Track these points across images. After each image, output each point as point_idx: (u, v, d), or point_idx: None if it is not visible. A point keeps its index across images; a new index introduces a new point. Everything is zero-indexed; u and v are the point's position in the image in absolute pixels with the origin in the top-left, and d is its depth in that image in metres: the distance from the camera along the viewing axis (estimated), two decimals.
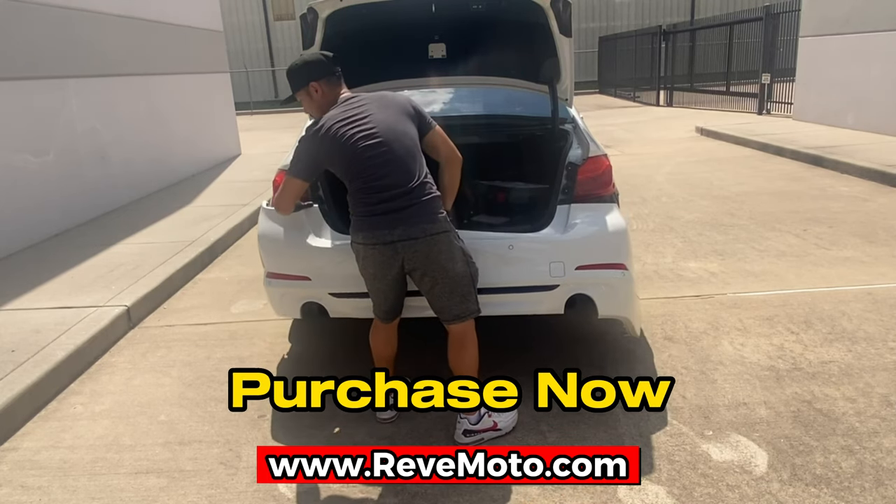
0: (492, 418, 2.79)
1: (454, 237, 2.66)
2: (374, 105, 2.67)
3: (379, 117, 2.62)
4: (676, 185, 7.65)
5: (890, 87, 9.49)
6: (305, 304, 3.17)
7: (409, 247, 2.57)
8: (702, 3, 27.67)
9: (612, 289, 3.04)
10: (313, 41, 3.31)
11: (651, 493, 2.39)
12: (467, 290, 2.69)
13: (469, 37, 3.67)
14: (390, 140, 2.59)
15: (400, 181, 2.58)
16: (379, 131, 2.60)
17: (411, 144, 2.63)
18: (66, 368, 3.52)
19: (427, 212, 2.58)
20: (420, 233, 2.56)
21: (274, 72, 28.75)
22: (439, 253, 2.59)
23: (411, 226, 2.55)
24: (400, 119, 2.65)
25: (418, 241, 2.56)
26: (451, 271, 2.63)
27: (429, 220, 2.57)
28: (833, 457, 2.53)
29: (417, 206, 2.57)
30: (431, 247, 2.58)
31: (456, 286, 2.66)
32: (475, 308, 2.73)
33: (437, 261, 2.60)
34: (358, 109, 2.66)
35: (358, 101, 2.70)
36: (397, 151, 2.59)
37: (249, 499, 2.49)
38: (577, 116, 3.69)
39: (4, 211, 5.67)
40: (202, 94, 10.48)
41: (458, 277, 2.65)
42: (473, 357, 2.78)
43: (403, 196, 2.56)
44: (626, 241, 3.08)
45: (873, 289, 4.16)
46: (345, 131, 2.60)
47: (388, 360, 3.02)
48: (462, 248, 2.68)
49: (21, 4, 6.09)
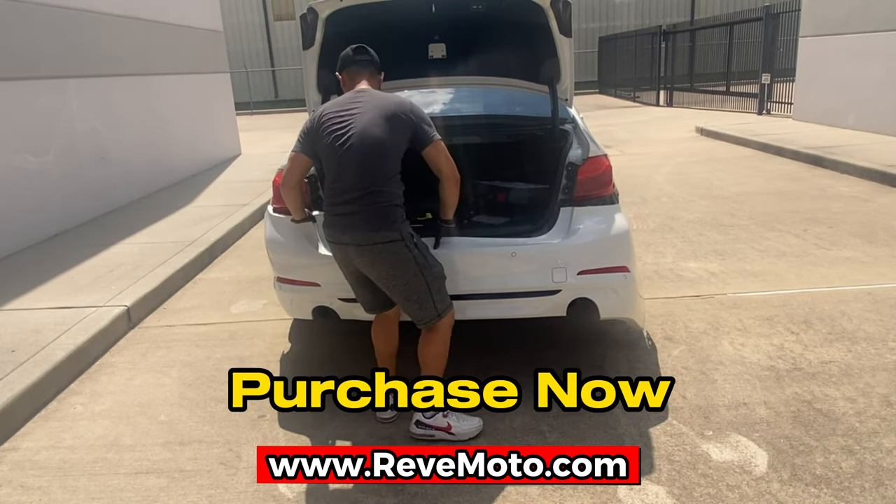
0: (447, 419, 2.78)
1: (405, 246, 2.60)
2: (368, 105, 2.65)
3: (362, 119, 2.60)
4: (676, 185, 7.65)
5: (890, 88, 9.49)
6: (316, 308, 3.21)
7: (355, 252, 2.64)
8: (702, 3, 27.68)
9: (614, 292, 3.05)
10: (313, 41, 3.31)
11: (651, 493, 2.39)
12: (422, 298, 2.67)
13: (469, 37, 3.67)
14: (355, 144, 2.58)
15: (350, 186, 2.60)
16: (351, 133, 2.59)
17: (376, 152, 2.58)
18: (66, 368, 3.52)
19: (373, 220, 2.57)
20: (364, 240, 2.59)
21: (274, 72, 28.76)
22: (384, 262, 2.61)
23: (357, 232, 2.60)
24: (379, 124, 2.59)
25: (362, 248, 2.61)
26: (399, 280, 2.63)
27: (374, 228, 2.57)
28: (833, 457, 2.53)
29: (365, 214, 2.58)
30: (375, 255, 2.61)
31: (409, 294, 2.67)
32: (433, 315, 2.70)
33: (383, 269, 2.63)
34: (351, 106, 2.66)
35: (358, 98, 2.69)
36: (355, 156, 2.58)
37: (249, 499, 2.49)
38: (577, 116, 3.69)
39: (4, 211, 5.67)
40: (202, 94, 10.48)
41: (409, 286, 2.64)
42: (435, 356, 2.76)
43: (353, 202, 2.59)
44: (628, 244, 3.08)
45: (873, 289, 4.16)
46: (328, 125, 2.64)
47: (388, 357, 3.04)
48: (416, 258, 2.62)
49: (21, 4, 6.09)
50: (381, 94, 2.73)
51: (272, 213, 3.28)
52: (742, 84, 15.34)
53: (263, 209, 6.71)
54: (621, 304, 3.10)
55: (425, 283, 2.65)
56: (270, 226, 3.27)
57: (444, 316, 2.73)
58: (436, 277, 2.70)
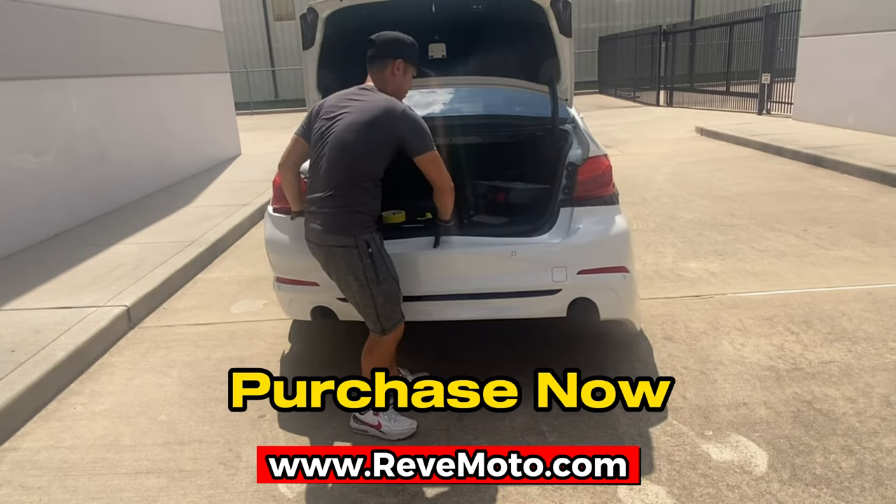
0: (378, 417, 2.82)
1: (359, 255, 2.58)
2: (357, 106, 2.62)
3: (345, 119, 2.59)
4: (676, 185, 7.65)
5: (890, 88, 9.49)
6: (315, 308, 3.21)
7: (314, 250, 2.71)
8: (702, 3, 27.68)
9: (614, 292, 3.06)
10: (313, 41, 3.31)
11: (651, 493, 2.39)
12: (367, 310, 2.68)
13: (469, 37, 3.67)
14: (330, 145, 2.59)
15: (317, 187, 2.63)
16: (332, 133, 2.59)
17: (348, 155, 2.56)
18: (66, 368, 3.52)
19: (331, 223, 2.59)
20: (319, 240, 2.64)
21: (274, 72, 28.76)
22: (336, 265, 2.65)
23: (316, 231, 2.64)
24: (358, 129, 2.55)
25: (319, 248, 2.66)
26: (349, 286, 2.67)
27: (330, 230, 2.59)
28: (833, 457, 2.53)
29: (325, 215, 2.60)
30: (329, 257, 2.65)
31: (357, 302, 2.70)
32: (378, 328, 2.71)
33: (336, 272, 2.68)
34: (344, 104, 2.66)
35: (354, 96, 2.68)
36: (327, 157, 2.59)
37: (249, 499, 2.49)
38: (577, 116, 3.69)
39: (4, 211, 5.67)
40: (202, 94, 10.48)
41: (356, 295, 2.67)
42: (370, 365, 2.77)
43: (317, 201, 2.63)
44: (628, 245, 3.09)
45: (873, 289, 4.16)
46: (319, 118, 2.68)
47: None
48: (365, 268, 2.59)
49: (21, 4, 6.09)
50: (374, 98, 2.64)
51: (272, 212, 3.28)
52: (742, 84, 15.34)
53: (263, 209, 6.71)
54: (621, 305, 3.11)
55: (371, 297, 2.64)
56: (270, 225, 3.27)
57: (388, 333, 2.72)
58: (384, 293, 2.65)
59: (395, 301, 2.71)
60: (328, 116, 2.65)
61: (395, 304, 2.71)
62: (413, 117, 2.61)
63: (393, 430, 2.82)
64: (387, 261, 2.68)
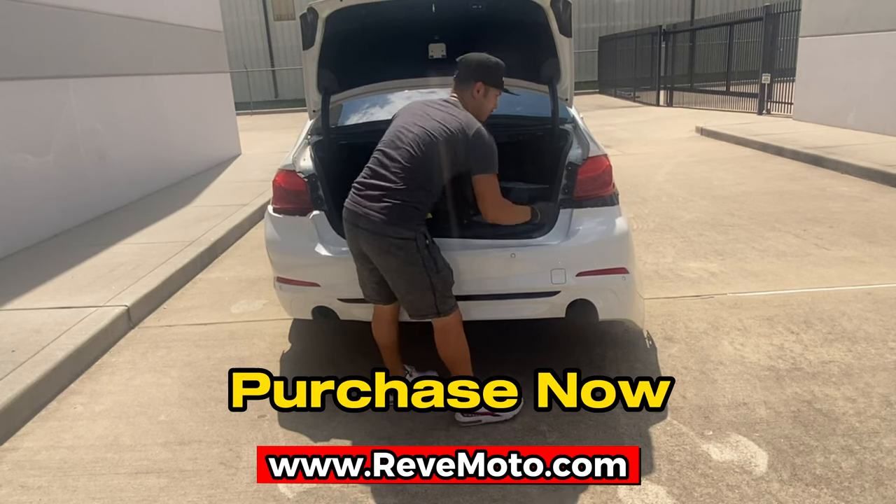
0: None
1: (416, 248, 2.68)
2: (440, 115, 2.76)
3: (426, 127, 2.73)
4: (676, 185, 7.65)
5: (890, 87, 9.49)
6: (316, 308, 3.22)
7: (364, 237, 2.76)
8: (702, 3, 27.68)
9: (613, 293, 3.06)
10: (313, 41, 3.31)
11: (651, 493, 2.39)
12: (425, 296, 2.77)
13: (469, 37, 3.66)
14: (407, 144, 2.72)
15: (384, 177, 2.73)
16: (410, 134, 2.73)
17: (420, 159, 2.69)
18: (66, 368, 3.52)
19: (394, 216, 2.65)
20: (377, 230, 2.69)
21: (274, 72, 28.76)
22: (393, 257, 2.70)
23: (374, 221, 2.69)
24: (433, 138, 2.69)
25: (374, 237, 2.72)
26: (400, 276, 2.76)
27: (392, 222, 2.66)
28: (833, 457, 2.53)
29: (388, 207, 2.66)
30: (383, 247, 2.70)
31: (408, 290, 2.79)
32: (434, 312, 2.77)
33: (387, 262, 2.73)
34: (430, 111, 2.81)
35: (439, 107, 2.82)
36: (401, 155, 2.71)
37: (249, 499, 2.49)
38: (578, 116, 3.69)
39: (4, 211, 5.67)
40: (202, 94, 10.48)
41: (410, 284, 2.76)
42: (452, 354, 2.87)
43: (381, 188, 2.72)
44: (628, 246, 3.09)
45: (873, 289, 4.16)
46: (401, 117, 2.88)
47: (390, 349, 3.09)
48: (424, 259, 2.68)
49: (21, 4, 6.09)
50: (455, 113, 2.77)
51: (272, 213, 3.28)
52: (742, 84, 15.33)
53: (263, 209, 6.71)
54: (620, 306, 3.11)
55: (430, 286, 2.70)
56: (271, 226, 3.27)
57: (446, 314, 2.76)
58: (443, 280, 2.73)
59: (450, 287, 2.78)
60: (409, 120, 2.79)
61: (450, 289, 2.78)
62: (484, 139, 2.71)
63: (508, 411, 2.86)
64: (439, 251, 2.76)
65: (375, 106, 4.07)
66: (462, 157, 2.71)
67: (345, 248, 3.08)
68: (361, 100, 4.00)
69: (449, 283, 2.76)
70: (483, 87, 2.85)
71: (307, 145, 3.49)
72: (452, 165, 2.73)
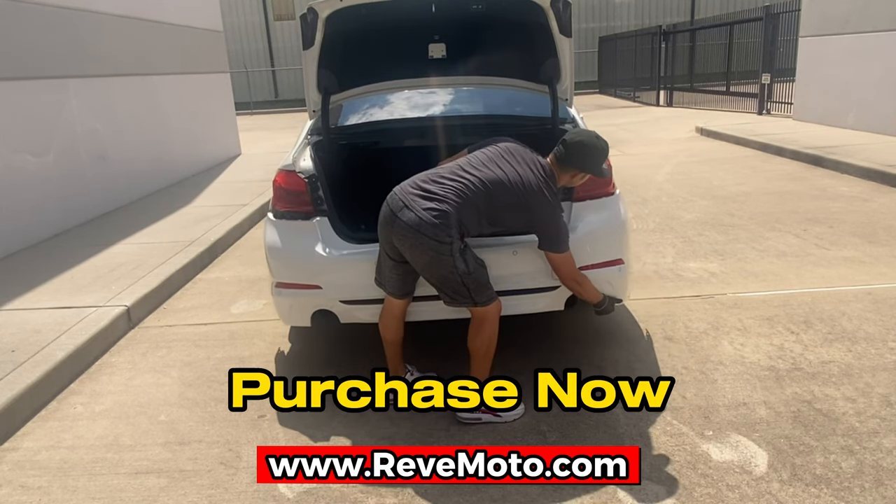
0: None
1: (451, 252, 2.70)
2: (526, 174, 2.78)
3: (509, 174, 2.75)
4: (676, 185, 7.65)
5: (890, 88, 9.49)
6: (316, 312, 3.19)
7: (401, 226, 2.74)
8: (702, 3, 27.67)
9: (610, 283, 3.11)
10: (313, 41, 3.31)
11: (651, 493, 2.38)
12: (459, 290, 2.78)
13: (469, 37, 3.67)
14: (485, 174, 2.75)
15: (449, 179, 2.77)
16: (495, 172, 2.76)
17: (485, 197, 2.71)
18: (66, 368, 3.52)
19: (439, 218, 2.67)
20: (416, 225, 2.68)
21: (274, 72, 28.76)
22: (424, 254, 2.69)
23: (417, 216, 2.69)
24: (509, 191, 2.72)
25: (409, 229, 2.70)
26: (431, 270, 2.76)
27: (433, 224, 2.66)
28: (833, 457, 2.53)
29: (437, 210, 2.69)
30: (417, 243, 2.69)
31: (442, 284, 2.80)
32: (470, 303, 2.78)
33: (420, 257, 2.74)
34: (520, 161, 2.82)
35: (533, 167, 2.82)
36: (475, 177, 2.75)
37: (249, 499, 2.49)
38: (577, 116, 3.70)
39: (4, 211, 5.67)
40: (202, 94, 10.48)
41: (442, 278, 2.77)
42: (481, 343, 2.84)
43: (441, 187, 2.75)
44: (626, 237, 3.16)
45: (873, 289, 4.16)
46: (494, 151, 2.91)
47: (394, 347, 3.08)
48: (456, 262, 2.69)
49: (21, 4, 6.08)
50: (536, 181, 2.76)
51: (272, 218, 3.26)
52: (742, 84, 15.33)
53: (263, 209, 6.71)
54: (614, 294, 3.18)
55: (462, 285, 2.71)
56: (271, 230, 3.25)
57: (484, 305, 2.77)
58: (475, 280, 2.73)
59: (486, 283, 2.77)
60: (502, 157, 2.81)
61: (487, 284, 2.77)
62: (558, 221, 2.78)
63: (509, 413, 2.85)
64: (472, 252, 2.76)
65: (375, 106, 4.07)
66: (527, 218, 2.76)
67: (346, 250, 3.08)
68: (361, 100, 4.00)
69: (482, 281, 2.75)
70: (581, 174, 2.85)
71: (307, 145, 3.49)
72: (512, 217, 2.78)
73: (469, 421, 2.85)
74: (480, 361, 2.85)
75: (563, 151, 2.78)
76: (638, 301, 4.10)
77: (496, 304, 2.79)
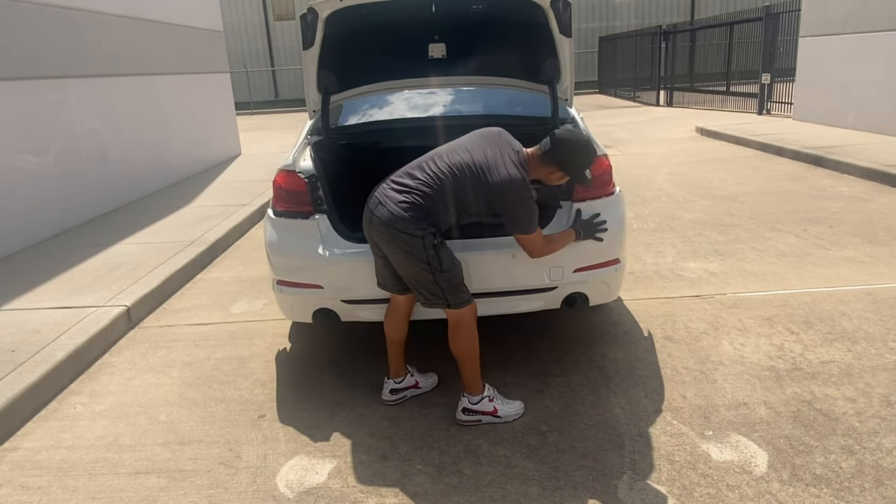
0: (493, 403, 2.84)
1: (423, 246, 2.69)
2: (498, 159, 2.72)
3: (479, 160, 2.71)
4: (676, 185, 7.65)
5: (890, 87, 9.49)
6: (317, 310, 3.21)
7: (377, 225, 2.76)
8: (702, 3, 27.67)
9: (606, 283, 3.16)
10: (313, 41, 3.31)
11: (651, 493, 2.38)
12: (432, 289, 2.76)
13: (469, 37, 3.67)
14: (454, 161, 2.73)
15: (416, 175, 2.77)
16: (465, 155, 2.74)
17: (455, 183, 2.70)
18: (66, 368, 3.52)
19: (409, 212, 2.67)
20: (389, 221, 2.69)
21: (274, 72, 28.76)
22: (399, 249, 2.70)
23: (389, 212, 2.70)
24: (480, 176, 2.68)
25: (384, 226, 2.70)
26: (407, 267, 2.77)
27: (403, 218, 2.67)
28: (833, 457, 2.53)
29: (406, 203, 2.69)
30: (391, 237, 2.70)
31: (417, 282, 2.79)
32: (444, 304, 2.78)
33: (396, 253, 2.73)
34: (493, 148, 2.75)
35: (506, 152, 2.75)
36: (445, 167, 2.73)
37: (249, 499, 2.49)
38: (577, 116, 3.70)
39: (4, 211, 5.67)
40: (202, 94, 10.48)
41: (417, 276, 2.76)
42: (459, 347, 2.84)
43: (409, 184, 2.75)
44: (622, 237, 3.18)
45: (873, 289, 4.16)
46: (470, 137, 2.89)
47: (397, 345, 3.08)
48: (430, 258, 2.68)
49: (21, 4, 6.09)
50: (510, 164, 2.69)
51: (272, 215, 3.26)
52: (742, 84, 15.34)
53: (264, 209, 6.72)
54: (610, 292, 3.24)
55: (434, 282, 2.69)
56: (271, 228, 3.25)
57: (458, 307, 2.75)
58: (448, 280, 2.70)
59: (460, 283, 2.75)
60: (474, 142, 2.78)
61: (460, 285, 2.75)
62: (522, 199, 2.69)
63: (509, 413, 2.86)
64: (448, 251, 2.73)
65: (375, 106, 4.07)
66: (497, 206, 2.70)
67: (347, 250, 3.08)
68: (361, 100, 4.00)
69: (456, 281, 2.73)
70: (561, 174, 2.77)
71: (307, 145, 3.49)
72: (485, 205, 2.73)
73: (469, 423, 2.85)
74: (466, 366, 2.83)
75: (548, 145, 2.72)
76: (638, 301, 4.10)
77: (471, 306, 2.78)
